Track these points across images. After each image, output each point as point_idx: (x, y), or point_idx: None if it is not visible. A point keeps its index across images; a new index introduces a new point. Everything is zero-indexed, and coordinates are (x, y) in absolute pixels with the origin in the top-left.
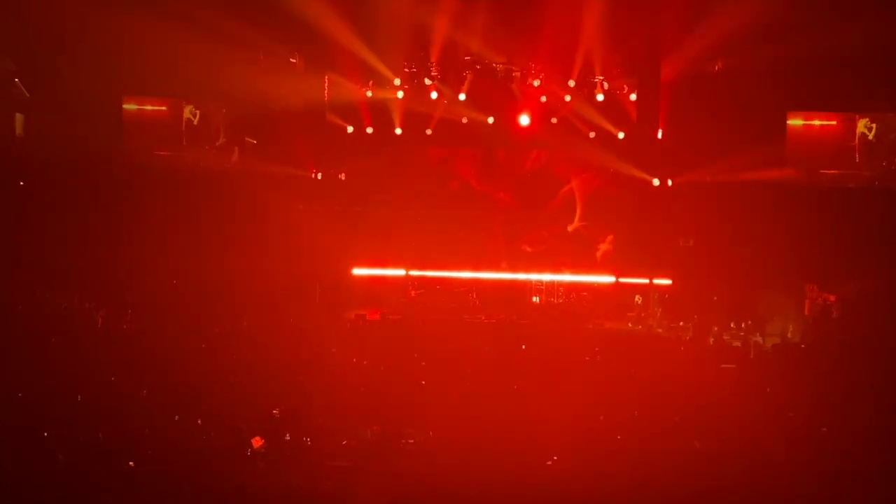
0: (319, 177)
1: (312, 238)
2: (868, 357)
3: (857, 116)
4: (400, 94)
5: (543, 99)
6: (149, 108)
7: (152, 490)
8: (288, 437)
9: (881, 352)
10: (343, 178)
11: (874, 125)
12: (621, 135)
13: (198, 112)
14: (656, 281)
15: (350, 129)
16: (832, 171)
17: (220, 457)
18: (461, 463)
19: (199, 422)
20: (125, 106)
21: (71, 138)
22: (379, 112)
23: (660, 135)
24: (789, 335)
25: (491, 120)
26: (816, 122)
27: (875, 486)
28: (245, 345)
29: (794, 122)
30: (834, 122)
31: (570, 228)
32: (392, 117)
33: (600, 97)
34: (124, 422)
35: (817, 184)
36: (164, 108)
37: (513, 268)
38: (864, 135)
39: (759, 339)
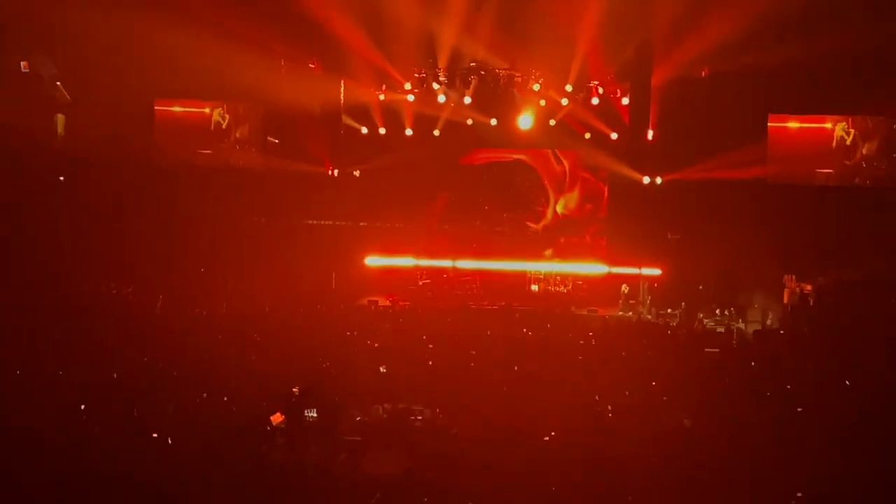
0: (336, 173)
1: (330, 231)
2: (842, 342)
3: (835, 119)
4: (410, 98)
5: (543, 102)
6: (180, 109)
7: (181, 461)
8: (315, 414)
9: (854, 338)
10: (357, 175)
11: (852, 130)
12: (615, 136)
13: (227, 115)
14: (646, 271)
15: (364, 129)
16: (812, 171)
17: (243, 431)
18: (465, 438)
19: (225, 399)
20: (158, 107)
21: (108, 137)
22: (391, 114)
23: (650, 136)
24: (769, 322)
25: (494, 122)
26: (798, 124)
27: (848, 460)
28: (267, 328)
29: (776, 123)
30: (815, 125)
31: (559, 210)
32: (403, 119)
33: (595, 101)
34: (157, 398)
35: (796, 182)
36: (194, 109)
37: (518, 250)
38: (842, 138)
39: (742, 325)
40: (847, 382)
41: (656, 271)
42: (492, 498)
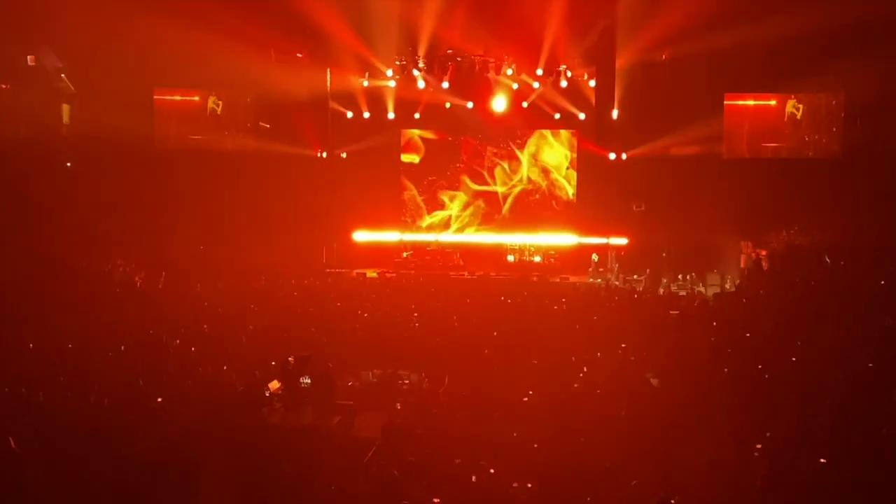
0: (324, 155)
1: (319, 208)
2: (794, 301)
3: (787, 97)
4: (392, 84)
5: (515, 86)
6: (178, 98)
7: (186, 426)
8: (309, 381)
9: (805, 297)
10: (344, 157)
11: (801, 105)
12: (582, 116)
13: (220, 102)
14: (614, 240)
15: (350, 114)
16: (765, 145)
17: (243, 397)
18: (448, 400)
19: (224, 368)
20: (157, 96)
21: (110, 125)
22: (374, 99)
23: (615, 115)
24: (727, 285)
25: (470, 105)
26: (751, 102)
27: (805, 411)
28: (263, 301)
29: (731, 102)
30: (767, 102)
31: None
32: (385, 103)
33: (564, 84)
34: (160, 368)
35: (751, 155)
36: (191, 98)
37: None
38: (792, 114)
39: (702, 288)
40: (799, 338)
41: (623, 240)
42: (477, 454)
